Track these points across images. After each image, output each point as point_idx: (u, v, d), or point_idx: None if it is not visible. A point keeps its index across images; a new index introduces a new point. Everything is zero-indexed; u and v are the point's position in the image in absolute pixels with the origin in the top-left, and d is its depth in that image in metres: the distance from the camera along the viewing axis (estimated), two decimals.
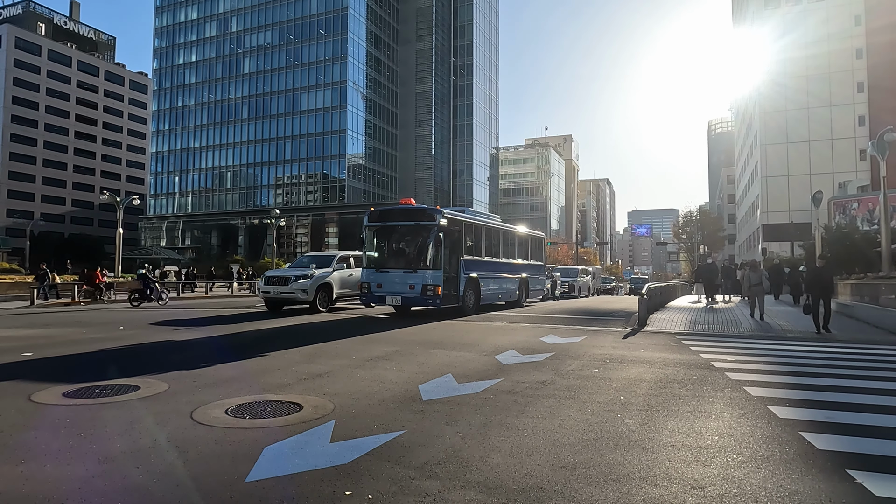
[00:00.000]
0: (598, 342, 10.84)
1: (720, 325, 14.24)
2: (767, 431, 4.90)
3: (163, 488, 3.53)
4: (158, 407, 5.56)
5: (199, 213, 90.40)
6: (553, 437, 4.65)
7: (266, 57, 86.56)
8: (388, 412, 5.42)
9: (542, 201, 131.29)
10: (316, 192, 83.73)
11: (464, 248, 16.64)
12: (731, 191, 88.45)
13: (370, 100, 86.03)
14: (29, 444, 4.43)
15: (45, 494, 3.41)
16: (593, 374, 7.49)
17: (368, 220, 16.29)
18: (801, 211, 44.06)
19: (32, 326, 13.70)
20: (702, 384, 6.92)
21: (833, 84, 49.97)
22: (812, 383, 7.03)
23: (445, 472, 3.81)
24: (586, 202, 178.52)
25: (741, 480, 3.73)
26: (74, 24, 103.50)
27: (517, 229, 21.74)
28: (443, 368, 7.75)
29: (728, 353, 9.49)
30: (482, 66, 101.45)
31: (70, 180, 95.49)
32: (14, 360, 8.48)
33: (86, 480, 3.64)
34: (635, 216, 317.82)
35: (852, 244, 20.44)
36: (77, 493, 3.43)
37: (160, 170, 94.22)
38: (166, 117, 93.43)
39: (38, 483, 3.61)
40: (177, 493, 3.45)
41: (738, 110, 77.67)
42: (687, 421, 5.23)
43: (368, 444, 4.38)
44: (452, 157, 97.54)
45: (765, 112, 52.83)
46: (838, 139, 49.74)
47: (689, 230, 76.24)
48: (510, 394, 6.24)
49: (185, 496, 3.41)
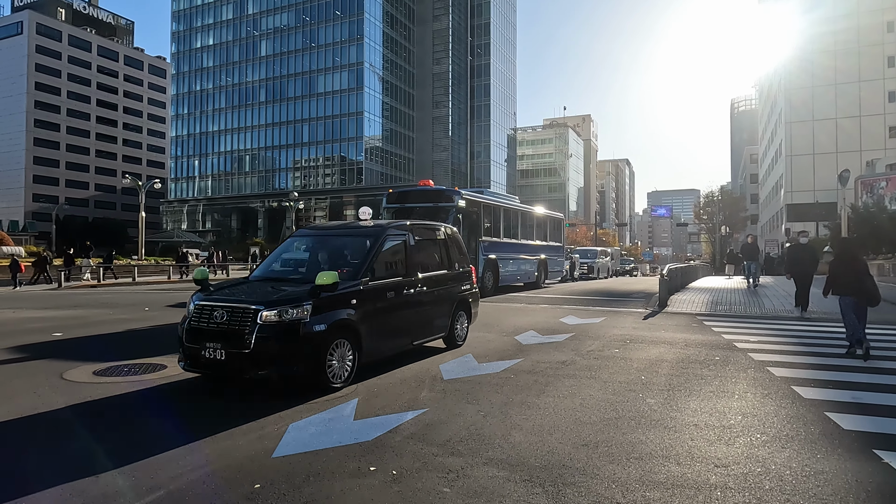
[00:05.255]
0: (618, 323, 10.80)
1: (742, 305, 14.07)
2: (792, 411, 4.86)
3: (193, 463, 3.63)
4: (183, 386, 5.68)
5: (219, 196, 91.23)
6: (574, 416, 4.66)
7: (282, 39, 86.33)
8: (410, 391, 5.48)
9: (561, 182, 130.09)
10: (334, 174, 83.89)
11: (482, 229, 16.60)
12: (755, 170, 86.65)
13: (387, 81, 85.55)
14: (62, 421, 4.57)
15: (77, 468, 3.52)
16: (614, 355, 7.47)
17: (387, 202, 16.31)
18: (827, 190, 43.05)
19: (61, 308, 14.03)
20: (724, 364, 6.87)
21: (862, 59, 48.39)
22: (837, 364, 6.93)
23: (468, 450, 3.85)
24: (605, 183, 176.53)
25: (765, 460, 3.71)
26: (94, 9, 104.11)
27: (535, 210, 21.60)
28: (463, 348, 7.79)
29: (751, 334, 9.39)
30: (499, 46, 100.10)
31: (92, 165, 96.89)
32: (46, 339, 8.71)
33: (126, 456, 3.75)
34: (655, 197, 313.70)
35: (879, 224, 19.99)
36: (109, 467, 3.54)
37: (180, 154, 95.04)
38: (185, 101, 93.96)
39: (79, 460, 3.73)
40: (205, 468, 3.53)
41: (763, 88, 75.78)
42: (709, 401, 5.20)
43: (391, 422, 4.44)
44: (470, 139, 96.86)
45: (790, 89, 51.45)
46: (866, 116, 48.30)
47: (710, 210, 75.03)
48: (530, 373, 6.26)
49: (213, 471, 3.49)
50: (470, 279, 8.29)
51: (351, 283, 5.75)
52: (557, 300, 15.68)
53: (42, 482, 3.32)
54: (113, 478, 3.39)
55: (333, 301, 5.45)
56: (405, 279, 6.59)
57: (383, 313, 6.15)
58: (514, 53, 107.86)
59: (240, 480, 3.33)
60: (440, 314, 7.37)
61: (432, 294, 7.12)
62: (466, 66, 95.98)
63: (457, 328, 7.82)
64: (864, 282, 7.29)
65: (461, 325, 7.96)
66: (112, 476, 3.42)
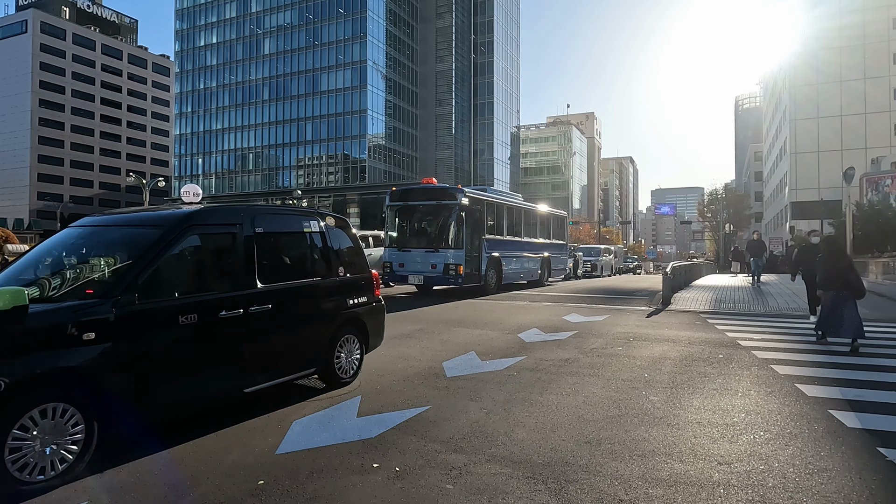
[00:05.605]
0: (621, 321, 10.79)
1: (746, 303, 14.04)
2: (796, 409, 4.85)
3: (196, 459, 3.64)
4: None
5: (223, 194, 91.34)
6: (577, 414, 4.67)
7: (286, 37, 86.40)
8: (413, 388, 5.48)
9: (564, 180, 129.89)
10: (337, 172, 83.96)
11: (485, 227, 16.59)
12: (759, 168, 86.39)
13: (390, 79, 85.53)
14: None
15: (86, 464, 3.54)
16: (617, 352, 7.47)
17: (390, 200, 16.32)
18: (832, 188, 42.86)
19: None
20: (728, 362, 6.86)
21: (867, 55, 48.14)
22: (842, 362, 6.91)
23: (471, 447, 3.85)
24: (609, 181, 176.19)
25: (769, 457, 3.71)
26: (97, 8, 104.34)
27: (539, 208, 21.58)
28: (466, 346, 7.79)
29: (754, 332, 9.36)
30: (503, 43, 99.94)
31: (97, 163, 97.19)
32: None
33: (123, 451, 3.76)
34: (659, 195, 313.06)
35: (885, 222, 19.90)
36: (116, 464, 3.55)
37: (184, 152, 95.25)
38: (189, 99, 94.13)
39: None
40: (210, 465, 3.55)
41: (767, 85, 75.48)
42: (713, 398, 5.20)
43: (394, 419, 4.45)
44: (473, 137, 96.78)
45: (794, 86, 51.23)
46: (872, 113, 48.07)
47: (714, 208, 74.81)
48: (533, 371, 6.26)
49: (217, 467, 3.51)
50: (367, 289, 6.01)
51: (89, 304, 3.58)
52: (561, 298, 15.68)
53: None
54: (117, 474, 3.41)
55: (28, 338, 3.26)
56: (229, 294, 4.40)
57: (170, 351, 3.96)
58: (517, 51, 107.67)
59: (244, 477, 3.35)
60: (307, 341, 5.20)
61: (290, 313, 4.95)
62: (470, 63, 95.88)
63: (340, 358, 5.51)
64: (849, 276, 7.94)
65: (348, 354, 5.63)
66: (116, 472, 3.43)
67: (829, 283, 8.07)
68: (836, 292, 7.92)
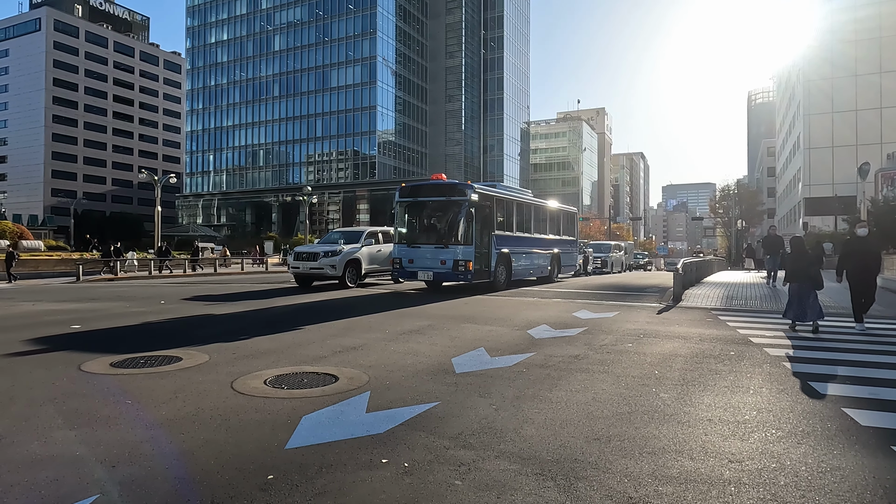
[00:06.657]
0: (631, 317, 10.73)
1: (758, 300, 13.92)
2: (808, 407, 4.80)
3: (206, 454, 3.66)
4: (200, 377, 5.74)
5: (234, 190, 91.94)
6: (587, 410, 4.65)
7: (296, 34, 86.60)
8: (422, 384, 5.48)
9: (574, 176, 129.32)
10: (347, 168, 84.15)
11: (495, 223, 16.56)
12: (772, 164, 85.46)
13: (400, 75, 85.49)
14: (81, 411, 4.64)
15: (97, 458, 3.58)
16: (627, 349, 7.43)
17: (400, 196, 16.32)
18: (846, 184, 42.37)
19: (79, 300, 14.24)
20: (739, 359, 6.80)
21: (883, 48, 47.40)
22: (856, 359, 6.83)
23: (479, 443, 3.85)
24: (619, 177, 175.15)
25: (780, 455, 3.67)
26: (110, 5, 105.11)
27: (549, 204, 21.50)
28: (475, 342, 7.78)
29: (766, 329, 9.28)
30: (513, 39, 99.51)
31: (109, 160, 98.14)
32: (64, 332, 8.85)
33: (134, 445, 3.80)
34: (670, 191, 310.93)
35: None
36: (126, 458, 3.58)
37: (195, 148, 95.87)
38: (200, 96, 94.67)
39: (90, 447, 3.79)
40: (220, 459, 3.57)
41: (781, 79, 74.62)
42: (724, 396, 5.16)
43: (403, 415, 4.45)
44: (483, 132, 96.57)
45: (809, 80, 50.60)
46: (888, 107, 47.35)
47: (726, 204, 74.20)
48: (543, 367, 6.24)
49: (227, 462, 3.53)
50: None
51: None
52: (570, 294, 15.62)
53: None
54: (127, 467, 3.44)
55: None
56: None
57: None
58: (527, 46, 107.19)
59: (253, 471, 3.36)
60: None
61: None
62: (479, 59, 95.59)
63: None
64: (810, 271, 9.20)
65: None
66: (126, 466, 3.46)
67: (795, 277, 9.34)
68: (801, 284, 9.16)
